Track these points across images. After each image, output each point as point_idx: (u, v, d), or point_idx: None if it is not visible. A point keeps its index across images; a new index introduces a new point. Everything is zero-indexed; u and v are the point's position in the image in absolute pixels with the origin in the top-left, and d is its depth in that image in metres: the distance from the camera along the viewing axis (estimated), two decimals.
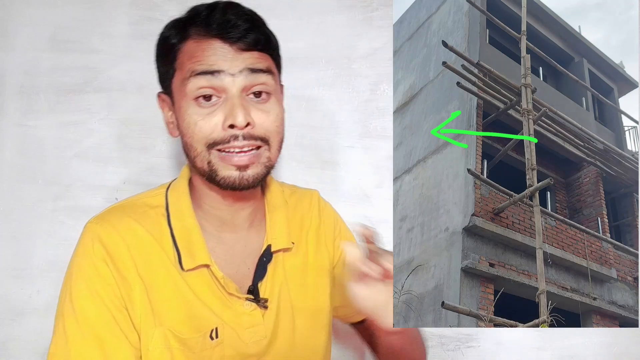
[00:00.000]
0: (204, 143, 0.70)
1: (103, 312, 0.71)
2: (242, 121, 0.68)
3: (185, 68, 0.70)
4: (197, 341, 0.75)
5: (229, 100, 0.69)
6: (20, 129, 1.24)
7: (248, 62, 0.70)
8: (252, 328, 0.78)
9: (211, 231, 0.80)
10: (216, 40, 0.70)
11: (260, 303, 0.78)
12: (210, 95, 0.70)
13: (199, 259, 0.75)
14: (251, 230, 0.83)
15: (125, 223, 0.75)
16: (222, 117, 0.69)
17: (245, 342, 0.77)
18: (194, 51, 0.70)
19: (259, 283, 0.80)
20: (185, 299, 0.75)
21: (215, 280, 0.76)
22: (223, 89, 0.70)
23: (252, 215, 0.82)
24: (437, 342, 1.25)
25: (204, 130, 0.70)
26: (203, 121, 0.70)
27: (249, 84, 0.70)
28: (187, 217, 0.78)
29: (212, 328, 0.75)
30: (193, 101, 0.70)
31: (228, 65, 0.69)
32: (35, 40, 1.24)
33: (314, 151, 1.24)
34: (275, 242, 0.82)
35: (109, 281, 0.72)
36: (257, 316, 0.78)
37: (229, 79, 0.69)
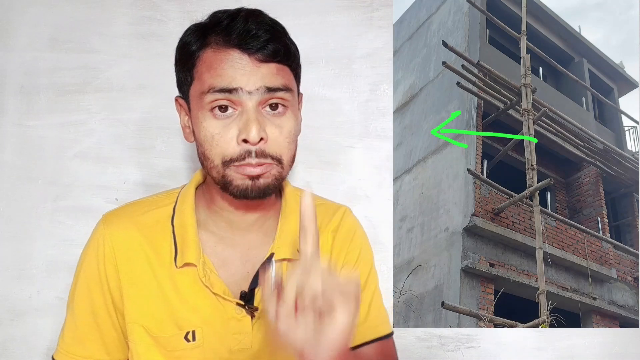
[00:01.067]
0: (220, 158, 0.71)
1: (87, 308, 0.80)
2: (256, 136, 0.68)
3: (204, 80, 0.70)
4: (169, 340, 0.76)
5: (245, 113, 0.70)
6: (20, 129, 1.24)
7: (266, 80, 0.70)
8: (238, 335, 0.77)
9: (214, 230, 0.80)
10: (235, 51, 0.69)
11: (248, 310, 0.77)
12: (226, 106, 0.70)
13: (186, 257, 0.77)
14: (259, 234, 0.82)
15: (125, 228, 0.79)
16: (236, 131, 0.70)
17: (229, 348, 0.77)
18: (212, 62, 0.70)
19: (256, 289, 0.78)
20: (165, 297, 0.77)
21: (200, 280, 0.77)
22: (240, 102, 0.70)
23: (262, 220, 0.82)
24: (437, 342, 1.25)
25: (221, 145, 0.70)
26: (219, 135, 0.70)
27: (264, 99, 0.71)
28: (187, 216, 0.79)
29: (190, 330, 0.76)
30: (209, 112, 0.70)
31: (245, 81, 0.69)
32: (35, 40, 1.24)
33: (314, 151, 1.24)
34: (280, 250, 0.81)
35: (101, 276, 0.79)
36: (245, 324, 0.78)
37: (246, 96, 0.69)
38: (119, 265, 0.78)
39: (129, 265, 0.78)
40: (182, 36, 0.76)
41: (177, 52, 0.77)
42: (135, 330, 0.77)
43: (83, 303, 0.80)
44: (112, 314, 0.80)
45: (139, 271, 0.78)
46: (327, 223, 0.88)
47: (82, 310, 0.80)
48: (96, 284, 0.79)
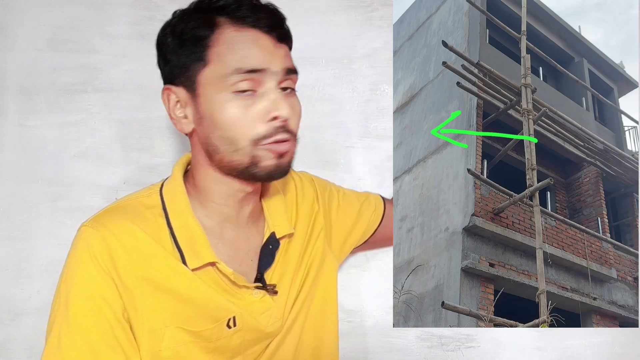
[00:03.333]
0: (249, 139, 0.70)
1: (100, 323, 0.70)
2: (288, 112, 0.71)
3: (226, 61, 0.69)
4: (213, 332, 0.75)
5: (268, 93, 0.70)
6: (20, 129, 1.24)
7: (284, 61, 0.72)
8: (266, 312, 0.80)
9: (212, 229, 0.79)
10: (254, 30, 0.70)
11: (269, 289, 0.81)
12: (245, 88, 0.70)
13: (204, 258, 0.75)
14: (250, 223, 0.83)
15: (122, 225, 0.73)
16: (262, 110, 0.70)
17: (263, 326, 0.80)
18: (235, 42, 0.69)
19: (266, 272, 0.81)
20: (195, 293, 0.75)
21: (222, 277, 0.77)
22: (261, 83, 0.70)
23: (253, 209, 0.83)
24: (437, 342, 1.25)
25: (248, 125, 0.70)
26: (244, 115, 0.70)
27: (281, 80, 0.72)
28: (187, 216, 0.77)
29: (230, 317, 0.77)
30: (232, 94, 0.69)
31: (269, 61, 0.70)
32: (35, 40, 1.24)
33: (314, 151, 1.24)
34: (279, 228, 0.84)
35: (111, 290, 0.70)
36: (268, 301, 0.81)
37: (270, 76, 0.70)
38: (137, 268, 0.72)
39: (147, 267, 0.73)
40: (172, 22, 0.74)
41: (173, 39, 0.73)
42: (169, 334, 0.73)
43: (91, 318, 0.70)
44: (126, 327, 0.72)
45: (159, 271, 0.73)
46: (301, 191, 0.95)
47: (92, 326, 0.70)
48: (104, 296, 0.70)
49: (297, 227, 0.89)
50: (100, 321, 0.70)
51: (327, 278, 0.94)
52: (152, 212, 0.77)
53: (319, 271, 0.92)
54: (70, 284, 0.71)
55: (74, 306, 0.70)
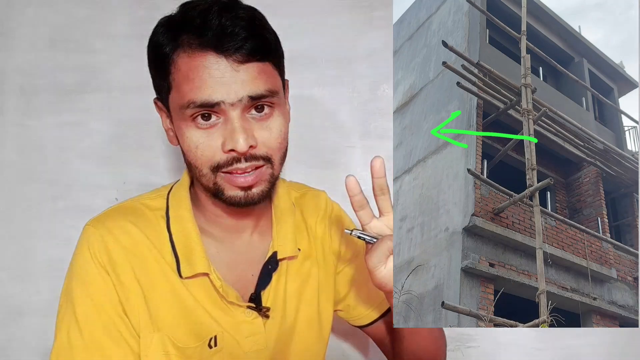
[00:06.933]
0: (208, 166, 0.67)
1: (104, 319, 0.70)
2: (244, 146, 0.64)
3: (183, 92, 0.65)
4: (195, 351, 0.74)
5: (229, 122, 0.65)
6: (20, 129, 1.24)
7: (247, 87, 0.64)
8: (252, 337, 0.77)
9: (214, 236, 0.78)
10: (210, 53, 0.63)
11: (261, 312, 0.77)
12: (209, 114, 0.66)
13: (197, 267, 0.74)
14: (255, 234, 0.81)
15: (122, 226, 0.74)
16: (221, 140, 0.66)
17: (245, 350, 0.77)
18: (188, 70, 0.64)
19: (262, 291, 0.78)
20: (183, 304, 0.74)
21: (214, 289, 0.75)
22: (223, 112, 0.65)
23: (257, 220, 0.81)
24: None
25: (206, 154, 0.67)
26: (204, 145, 0.66)
27: (248, 106, 0.66)
28: (187, 223, 0.76)
29: (212, 336, 0.75)
30: (192, 122, 0.66)
31: (226, 92, 0.63)
32: (35, 40, 1.24)
33: (314, 151, 1.24)
34: (282, 249, 0.80)
35: (109, 286, 0.71)
36: (258, 325, 0.77)
37: (229, 107, 0.64)
38: (135, 269, 0.72)
39: (144, 270, 0.72)
40: (152, 31, 0.69)
41: (149, 52, 0.70)
42: (156, 341, 0.72)
43: (95, 314, 0.71)
44: (127, 322, 0.72)
45: (154, 276, 0.73)
46: (315, 211, 0.90)
47: (97, 323, 0.71)
48: (105, 293, 0.71)
49: (305, 249, 0.85)
50: (104, 318, 0.71)
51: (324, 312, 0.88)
52: (155, 215, 0.77)
53: (318, 303, 0.86)
54: (75, 282, 0.72)
55: (80, 305, 0.71)
